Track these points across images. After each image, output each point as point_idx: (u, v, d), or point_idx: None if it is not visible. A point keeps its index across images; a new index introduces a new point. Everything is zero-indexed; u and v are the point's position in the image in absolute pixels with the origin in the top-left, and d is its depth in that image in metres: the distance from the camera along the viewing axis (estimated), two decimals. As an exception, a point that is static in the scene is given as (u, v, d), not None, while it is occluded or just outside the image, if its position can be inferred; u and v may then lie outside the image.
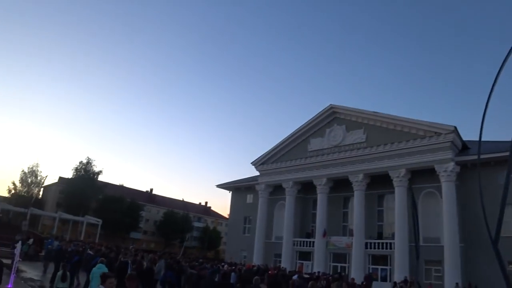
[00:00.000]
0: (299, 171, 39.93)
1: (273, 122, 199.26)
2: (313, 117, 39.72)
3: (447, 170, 30.12)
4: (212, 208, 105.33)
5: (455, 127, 30.47)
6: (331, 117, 38.76)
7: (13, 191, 73.99)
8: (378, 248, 33.58)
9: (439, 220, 30.73)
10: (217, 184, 52.58)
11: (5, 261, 21.55)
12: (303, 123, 40.52)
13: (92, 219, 52.66)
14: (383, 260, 33.53)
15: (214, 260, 50.59)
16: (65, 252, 19.32)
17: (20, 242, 17.85)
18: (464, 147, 32.89)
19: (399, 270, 30.11)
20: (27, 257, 28.68)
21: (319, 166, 38.08)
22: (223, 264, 28.80)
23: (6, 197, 73.28)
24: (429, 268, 31.05)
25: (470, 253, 29.70)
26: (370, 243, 34.08)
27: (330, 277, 24.53)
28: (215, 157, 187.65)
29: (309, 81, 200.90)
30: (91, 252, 17.71)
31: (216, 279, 13.82)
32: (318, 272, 29.84)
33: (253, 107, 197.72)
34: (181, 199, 62.51)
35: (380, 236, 34.60)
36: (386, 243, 33.17)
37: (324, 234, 36.60)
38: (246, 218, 47.75)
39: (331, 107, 38.38)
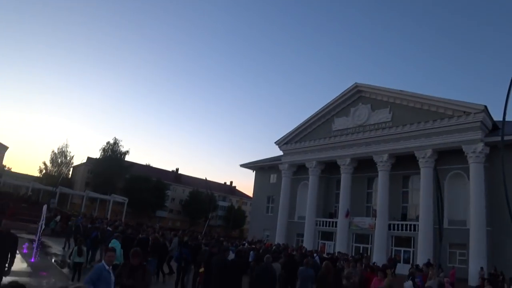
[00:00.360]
0: (322, 151, 39.37)
1: (298, 101, 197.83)
2: (337, 96, 38.92)
3: (475, 151, 29.05)
4: (237, 188, 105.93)
5: (485, 107, 29.24)
6: (356, 96, 37.88)
7: (44, 171, 76.25)
8: (402, 230, 32.98)
9: (465, 203, 29.84)
10: (241, 163, 52.66)
11: (32, 237, 22.31)
12: (328, 102, 39.81)
13: (119, 198, 53.66)
14: (406, 242, 32.96)
15: (236, 239, 51.04)
16: (84, 228, 19.65)
17: (43, 218, 18.39)
18: (495, 127, 31.60)
19: (422, 253, 29.50)
20: (53, 233, 29.56)
21: (343, 145, 37.42)
22: (244, 243, 28.83)
23: (38, 176, 75.59)
24: (453, 252, 30.32)
25: (497, 238, 28.74)
26: (394, 224, 33.49)
27: (350, 258, 24.13)
28: (241, 137, 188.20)
29: (334, 59, 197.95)
30: (109, 229, 17.84)
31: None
32: (338, 252, 29.50)
33: (278, 86, 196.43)
34: (204, 178, 62.70)
35: (404, 217, 33.92)
36: (410, 225, 32.52)
37: (347, 215, 36.16)
38: (270, 197, 47.68)
39: (356, 85, 37.47)
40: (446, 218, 30.83)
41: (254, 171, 51.32)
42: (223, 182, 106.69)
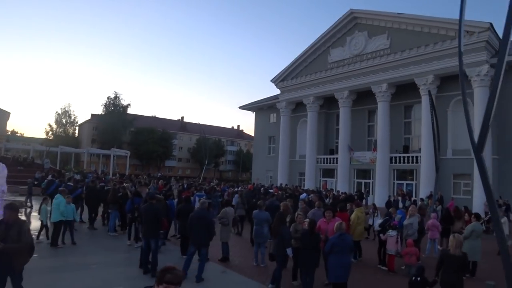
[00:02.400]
0: (319, 85, 37.29)
1: (295, 37, 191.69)
2: (332, 25, 36.29)
3: (480, 74, 26.70)
4: (244, 132, 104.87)
5: (491, 24, 26.54)
6: (351, 23, 35.15)
7: (50, 133, 76.17)
8: (404, 163, 31.46)
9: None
10: (239, 105, 51.05)
11: (21, 198, 21.58)
12: (322, 32, 37.23)
13: (120, 151, 52.76)
14: (409, 175, 31.59)
15: (236, 182, 50.36)
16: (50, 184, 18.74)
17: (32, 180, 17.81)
18: (503, 47, 29.02)
19: (425, 185, 28.17)
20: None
21: (341, 78, 35.25)
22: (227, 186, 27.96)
23: (45, 139, 75.61)
24: (457, 182, 28.89)
25: (504, 166, 27.12)
26: (395, 157, 31.96)
27: (342, 195, 22.98)
28: (245, 80, 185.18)
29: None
30: (70, 184, 16.71)
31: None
32: (330, 189, 28.61)
33: (272, 22, 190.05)
34: (198, 123, 61.69)
35: (406, 149, 32.22)
36: (412, 156, 30.92)
37: (351, 150, 34.71)
38: (271, 138, 46.37)
39: (351, 12, 34.63)
40: (449, 147, 29.27)
41: (254, 113, 49.76)
42: (230, 127, 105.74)
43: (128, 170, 68.74)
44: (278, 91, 42.63)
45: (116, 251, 11.62)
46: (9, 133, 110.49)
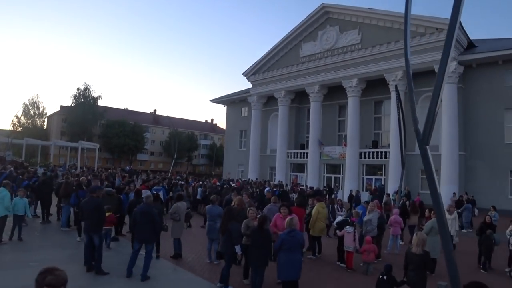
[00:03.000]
0: (291, 79, 37.04)
1: (269, 30, 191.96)
2: (304, 19, 35.95)
3: (447, 71, 26.77)
4: (218, 125, 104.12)
5: (459, 22, 26.66)
6: (323, 17, 34.93)
7: (16, 125, 73.66)
8: (373, 158, 31.58)
9: (438, 127, 28.08)
10: (211, 99, 50.41)
11: None
12: (294, 26, 36.93)
13: (88, 144, 51.29)
14: (378, 170, 31.71)
15: (217, 176, 49.74)
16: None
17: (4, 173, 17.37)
18: (470, 45, 29.35)
19: (393, 180, 28.19)
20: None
21: (312, 72, 35.06)
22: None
23: (11, 130, 73.07)
24: (425, 178, 28.99)
25: (470, 162, 27.54)
26: (365, 152, 32.05)
27: (309, 190, 22.80)
28: (219, 73, 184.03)
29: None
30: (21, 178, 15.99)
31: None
32: (298, 184, 28.40)
33: (245, 15, 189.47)
34: (168, 116, 60.72)
35: (375, 145, 32.30)
36: (381, 152, 31.05)
37: (321, 144, 34.64)
38: (242, 132, 45.99)
39: (323, 6, 34.38)
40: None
41: (226, 106, 49.23)
42: (204, 121, 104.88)
43: (99, 163, 67.42)
44: (249, 85, 42.22)
45: (64, 247, 11.01)
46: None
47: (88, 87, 73.45)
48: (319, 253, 11.65)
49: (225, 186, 21.04)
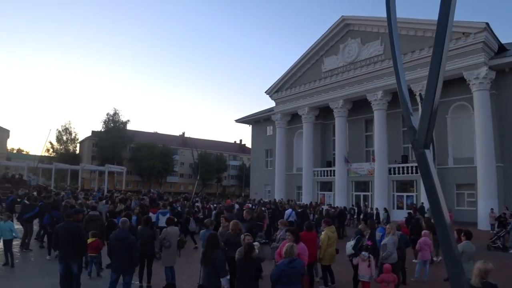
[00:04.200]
0: (314, 95, 35.95)
1: (290, 48, 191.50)
2: (324, 33, 35.05)
3: (478, 77, 25.24)
4: (247, 146, 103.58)
5: (487, 24, 25.13)
6: (344, 30, 33.93)
7: (51, 150, 75.66)
8: (403, 173, 29.82)
9: (472, 138, 26.31)
10: (236, 119, 49.88)
11: None
12: (315, 41, 36.06)
13: (115, 167, 51.87)
14: (409, 186, 29.94)
15: (246, 197, 48.82)
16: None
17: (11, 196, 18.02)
18: (502, 49, 27.54)
19: (426, 197, 26.40)
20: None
21: (335, 87, 33.92)
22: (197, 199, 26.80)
23: (46, 156, 75.05)
24: (461, 193, 27.17)
25: (510, 174, 25.47)
26: (394, 168, 30.36)
27: (332, 210, 21.42)
28: (247, 94, 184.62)
29: None
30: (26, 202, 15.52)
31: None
32: (316, 204, 26.94)
33: (267, 34, 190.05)
34: (188, 137, 59.83)
35: (405, 159, 30.57)
36: (412, 167, 29.24)
37: (347, 161, 33.25)
38: (268, 151, 45.02)
39: (343, 18, 33.42)
40: (451, 156, 27.70)
41: (251, 125, 48.55)
42: (233, 141, 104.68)
43: (128, 186, 67.94)
44: (274, 103, 41.41)
45: (49, 276, 10.17)
46: (14, 151, 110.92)
47: (117, 112, 75.07)
48: (332, 282, 10.40)
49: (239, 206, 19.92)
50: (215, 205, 21.94)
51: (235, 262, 7.26)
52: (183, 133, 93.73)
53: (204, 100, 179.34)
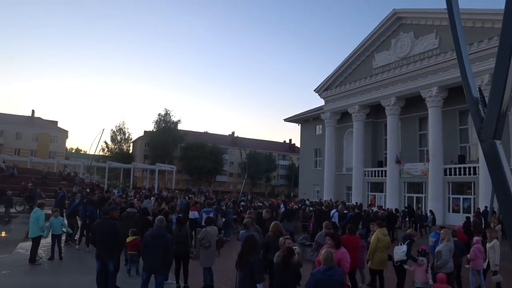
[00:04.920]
0: (365, 93, 34.73)
1: (340, 44, 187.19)
2: (375, 28, 33.77)
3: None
4: (297, 145, 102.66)
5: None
6: (396, 24, 32.49)
7: (106, 149, 78.68)
8: (460, 174, 28.03)
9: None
10: (284, 118, 49.33)
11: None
12: (365, 36, 34.84)
13: (165, 166, 53.06)
14: (466, 188, 28.11)
15: (288, 196, 48.28)
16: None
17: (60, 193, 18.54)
18: None
19: (485, 200, 24.63)
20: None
21: (387, 83, 32.56)
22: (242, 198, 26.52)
23: (101, 155, 78.19)
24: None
25: None
26: (450, 168, 28.63)
27: (381, 212, 20.36)
28: (296, 93, 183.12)
29: None
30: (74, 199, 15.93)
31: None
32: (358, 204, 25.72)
33: (316, 30, 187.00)
34: (243, 137, 59.82)
35: (462, 160, 28.77)
36: (469, 167, 27.44)
37: (398, 161, 31.85)
38: (317, 150, 44.16)
39: (395, 12, 32.00)
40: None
41: (299, 125, 47.86)
42: (282, 141, 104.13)
43: (179, 184, 69.22)
44: (323, 102, 40.47)
45: (89, 272, 10.19)
46: (73, 150, 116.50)
47: (168, 112, 76.70)
48: (382, 291, 9.67)
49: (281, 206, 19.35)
50: (260, 203, 21.56)
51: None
52: (233, 133, 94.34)
53: (254, 99, 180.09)
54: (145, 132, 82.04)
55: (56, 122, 78.65)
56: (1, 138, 67.06)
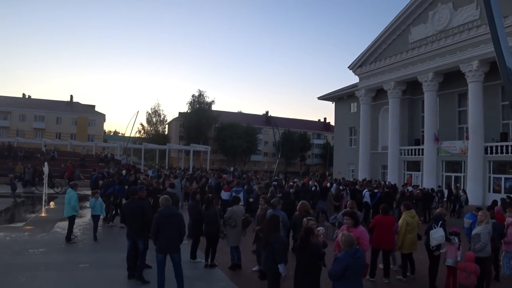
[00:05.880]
0: (401, 68, 33.45)
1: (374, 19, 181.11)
2: (411, 0, 32.28)
3: None
4: (331, 124, 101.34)
5: None
6: (433, -5, 30.97)
7: (142, 131, 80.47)
8: (502, 153, 26.65)
9: None
10: (318, 96, 48.54)
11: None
12: (401, 9, 33.39)
13: (199, 147, 53.68)
14: (509, 167, 26.80)
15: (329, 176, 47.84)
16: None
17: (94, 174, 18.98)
18: None
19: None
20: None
21: (424, 58, 31.19)
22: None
23: (138, 137, 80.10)
24: None
25: None
26: (491, 147, 27.33)
27: (417, 192, 19.73)
28: (330, 71, 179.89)
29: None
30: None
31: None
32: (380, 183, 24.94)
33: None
34: (276, 116, 58.62)
35: (505, 137, 27.28)
36: (512, 145, 26.18)
37: (437, 139, 30.72)
38: (351, 129, 43.35)
39: (433, -19, 30.47)
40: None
41: (334, 103, 47.00)
42: (317, 120, 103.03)
43: (214, 165, 70.07)
44: (358, 79, 39.41)
45: (122, 250, 10.40)
46: (111, 133, 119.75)
47: (202, 93, 77.25)
48: (412, 273, 9.32)
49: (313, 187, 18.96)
50: (293, 183, 21.35)
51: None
52: (267, 112, 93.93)
53: (287, 78, 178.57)
54: (179, 113, 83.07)
55: (93, 106, 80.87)
56: (43, 123, 69.86)
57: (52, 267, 8.78)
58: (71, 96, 78.93)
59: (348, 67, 39.49)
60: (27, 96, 77.40)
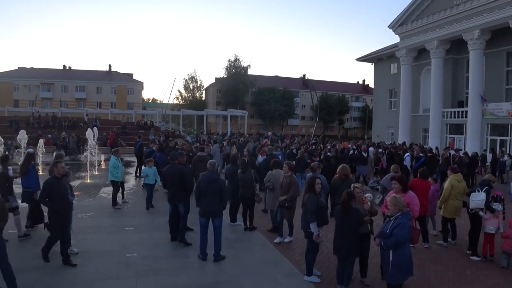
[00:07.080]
0: (444, 26, 31.82)
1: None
2: (458, -49, 30.38)
3: None
4: (370, 86, 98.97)
5: None
6: None
7: (180, 98, 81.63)
8: (553, 114, 25.44)
9: None
10: (357, 57, 47.26)
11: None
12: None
13: (237, 112, 53.98)
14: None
15: (362, 139, 47.30)
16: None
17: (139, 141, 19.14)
18: None
19: None
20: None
21: (470, 15, 29.49)
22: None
23: (176, 104, 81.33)
24: None
25: None
26: (542, 107, 26.04)
27: (463, 156, 19.11)
28: (369, 31, 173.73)
29: None
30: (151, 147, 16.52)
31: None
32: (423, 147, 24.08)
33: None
34: (313, 79, 57.41)
35: (557, 97, 25.97)
36: None
37: (484, 100, 29.40)
38: (391, 91, 42.20)
39: None
40: None
41: (373, 64, 45.69)
42: (355, 82, 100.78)
43: (252, 129, 70.44)
44: (398, 38, 37.95)
45: (164, 214, 10.70)
46: (150, 100, 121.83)
47: (238, 58, 76.99)
48: (453, 238, 9.18)
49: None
50: (330, 147, 21.21)
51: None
52: (304, 75, 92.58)
53: (324, 39, 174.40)
54: (216, 79, 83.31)
55: (131, 75, 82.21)
56: (84, 93, 72.22)
57: (100, 230, 9.23)
58: (110, 66, 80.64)
59: (388, 26, 38.02)
60: (67, 68, 79.81)
